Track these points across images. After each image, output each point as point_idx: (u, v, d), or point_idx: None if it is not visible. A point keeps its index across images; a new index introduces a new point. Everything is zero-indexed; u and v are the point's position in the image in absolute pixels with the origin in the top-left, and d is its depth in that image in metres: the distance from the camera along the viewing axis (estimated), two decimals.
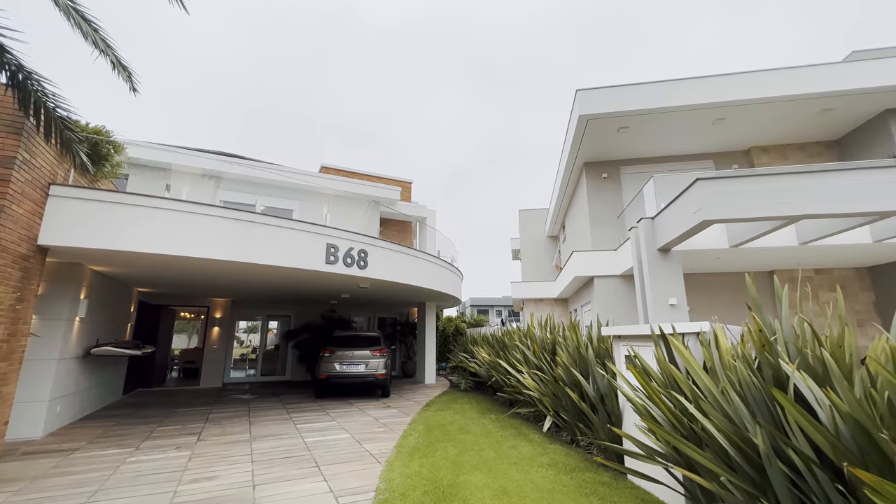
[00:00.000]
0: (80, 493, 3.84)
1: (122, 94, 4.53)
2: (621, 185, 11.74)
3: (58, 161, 5.43)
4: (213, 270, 7.09)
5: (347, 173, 15.85)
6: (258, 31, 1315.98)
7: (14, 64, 2.92)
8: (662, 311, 7.40)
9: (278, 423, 7.03)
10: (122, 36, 3.45)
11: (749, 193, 5.67)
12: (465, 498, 3.72)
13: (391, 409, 8.37)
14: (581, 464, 4.68)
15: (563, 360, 5.82)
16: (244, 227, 6.35)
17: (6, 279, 4.60)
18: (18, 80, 3.14)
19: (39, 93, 3.40)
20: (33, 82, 3.28)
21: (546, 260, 20.58)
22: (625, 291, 10.35)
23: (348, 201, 14.01)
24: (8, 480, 4.18)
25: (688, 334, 3.72)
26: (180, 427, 6.65)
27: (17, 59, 2.76)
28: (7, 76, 3.12)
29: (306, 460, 4.92)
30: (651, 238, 7.79)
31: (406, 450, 5.29)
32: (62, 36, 3.79)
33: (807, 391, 2.32)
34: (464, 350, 12.91)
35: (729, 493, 2.67)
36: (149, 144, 11.24)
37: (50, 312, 6.10)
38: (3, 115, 4.58)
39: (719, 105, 9.29)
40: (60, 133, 3.74)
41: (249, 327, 17.02)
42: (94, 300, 7.20)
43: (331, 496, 3.82)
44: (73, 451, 5.21)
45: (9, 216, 4.55)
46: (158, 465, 4.73)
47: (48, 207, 5.22)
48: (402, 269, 8.74)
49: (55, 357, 6.05)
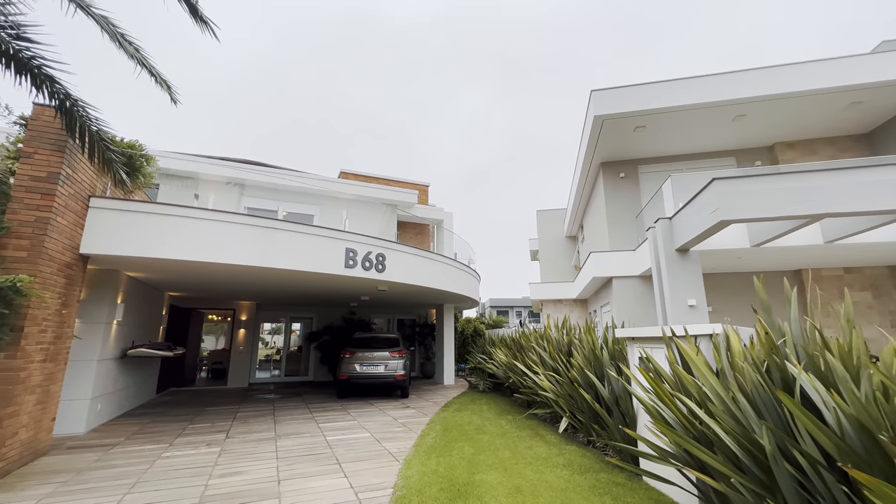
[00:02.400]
0: (120, 485, 4.13)
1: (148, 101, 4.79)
2: (639, 185, 11.61)
3: (96, 175, 5.81)
4: (238, 275, 7.41)
5: (365, 178, 16.17)
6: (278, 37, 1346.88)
7: (62, 93, 3.21)
8: (681, 312, 7.32)
9: (301, 422, 7.28)
10: (152, 47, 3.71)
11: (768, 192, 5.58)
12: (479, 495, 3.83)
13: (410, 409, 8.53)
14: (596, 465, 4.71)
15: (578, 362, 5.85)
16: (267, 234, 6.62)
17: (53, 286, 4.97)
18: (66, 107, 3.44)
19: (84, 118, 3.71)
20: (79, 108, 3.58)
21: (565, 260, 20.44)
22: (644, 292, 10.24)
23: (366, 205, 14.29)
24: (56, 472, 4.52)
25: (700, 336, 3.73)
26: (210, 425, 6.97)
27: (64, 88, 3.04)
28: (56, 104, 3.42)
29: (328, 458, 5.12)
30: (669, 238, 7.71)
31: (424, 449, 5.43)
32: (102, 52, 4.06)
33: (813, 393, 2.34)
34: (482, 351, 12.98)
35: (739, 494, 2.70)
36: (176, 155, 11.76)
37: (90, 316, 6.51)
38: (48, 134, 4.96)
39: (739, 102, 9.10)
40: (102, 153, 4.06)
41: (273, 329, 17.54)
42: (129, 304, 7.63)
43: (351, 492, 3.99)
44: (113, 447, 5.56)
45: (54, 228, 4.91)
46: (190, 460, 5.01)
47: (88, 218, 5.60)
48: (419, 271, 8.90)
49: (95, 358, 6.46)
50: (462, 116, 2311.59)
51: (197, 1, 3.32)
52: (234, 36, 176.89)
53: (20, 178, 4.75)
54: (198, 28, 3.33)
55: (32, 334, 4.68)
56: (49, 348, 5.04)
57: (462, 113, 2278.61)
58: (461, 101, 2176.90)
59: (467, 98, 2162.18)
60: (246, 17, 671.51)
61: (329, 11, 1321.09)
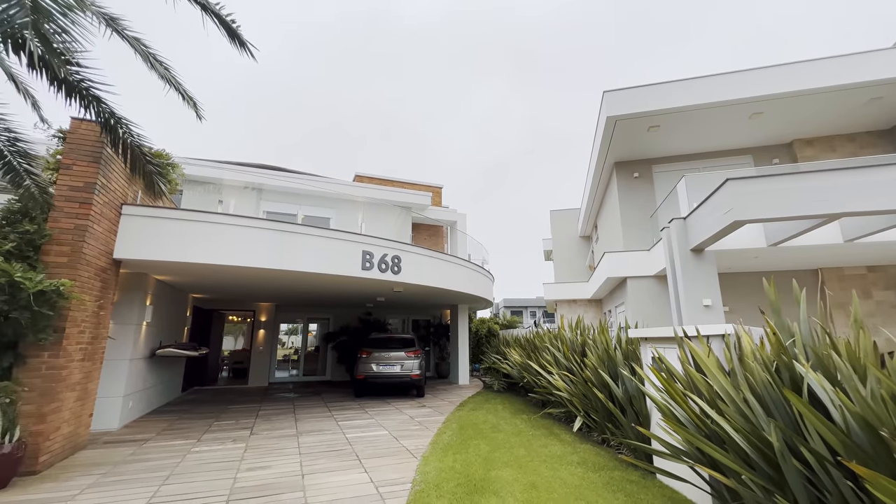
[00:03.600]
0: (155, 477, 4.38)
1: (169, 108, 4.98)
2: (654, 184, 11.56)
3: (127, 183, 6.12)
4: (259, 277, 7.67)
5: (380, 181, 16.41)
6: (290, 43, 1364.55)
7: (107, 112, 3.46)
8: (697, 312, 7.31)
9: (321, 419, 7.50)
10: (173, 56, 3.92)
11: (782, 192, 5.57)
12: (495, 491, 3.95)
13: (426, 408, 8.69)
14: (610, 463, 4.79)
15: (591, 362, 5.93)
16: (288, 238, 6.86)
17: (90, 289, 5.27)
18: (111, 125, 3.70)
19: (126, 134, 3.97)
20: (122, 126, 3.84)
21: (579, 260, 20.36)
22: (659, 292, 10.21)
23: (381, 208, 14.53)
24: (96, 465, 4.81)
25: (713, 336, 3.79)
26: (234, 422, 7.24)
27: (109, 107, 3.28)
28: (101, 122, 3.68)
29: (348, 454, 5.30)
30: (683, 238, 7.70)
31: (440, 446, 5.57)
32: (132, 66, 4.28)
33: (821, 391, 2.40)
34: (496, 351, 13.08)
35: (749, 491, 2.77)
36: (198, 162, 12.16)
37: (122, 318, 6.84)
38: (85, 146, 5.26)
39: (755, 100, 9.02)
40: (143, 167, 4.33)
41: (290, 329, 17.92)
42: (157, 306, 7.97)
43: (371, 486, 4.16)
44: (145, 441, 5.86)
45: (91, 234, 5.21)
46: (218, 455, 5.25)
47: (121, 225, 5.90)
48: (433, 273, 9.05)
49: (127, 357, 6.78)
50: (475, 113, 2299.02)
51: (238, 27, 3.51)
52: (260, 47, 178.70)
53: (60, 189, 5.05)
54: (235, 50, 3.55)
55: (73, 335, 4.98)
56: (87, 348, 5.34)
57: (475, 109, 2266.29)
58: (474, 98, 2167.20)
59: (480, 94, 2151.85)
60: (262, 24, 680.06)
61: (341, 16, 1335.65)
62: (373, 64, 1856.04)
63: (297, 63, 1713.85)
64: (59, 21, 2.01)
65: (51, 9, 2.02)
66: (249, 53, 3.66)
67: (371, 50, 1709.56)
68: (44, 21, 1.89)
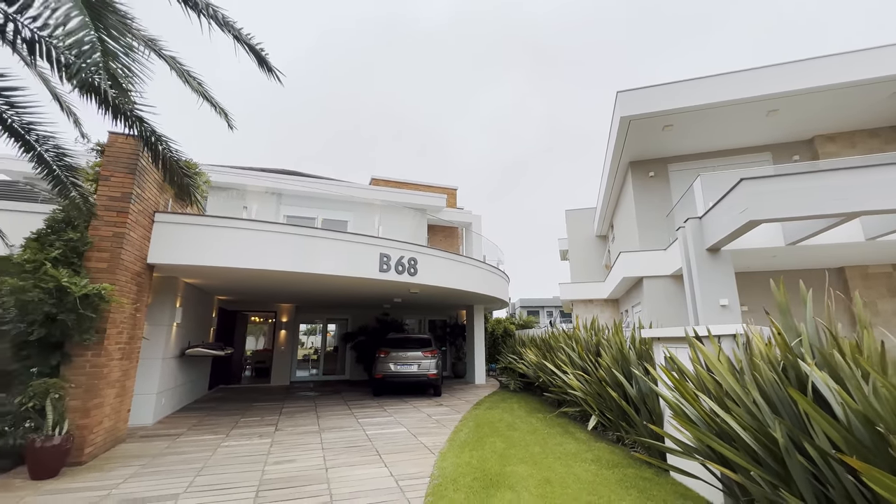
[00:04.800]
0: (190, 469, 4.68)
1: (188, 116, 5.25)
2: (669, 183, 11.49)
3: (159, 192, 6.48)
4: (282, 280, 7.98)
5: (396, 183, 16.68)
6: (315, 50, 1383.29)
7: (149, 131, 3.75)
8: (713, 312, 7.30)
9: (341, 417, 7.75)
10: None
11: (798, 191, 5.55)
12: (510, 485, 4.10)
13: (443, 406, 8.87)
14: (624, 460, 4.88)
15: (605, 362, 6.01)
16: (308, 242, 7.13)
17: (127, 292, 5.62)
18: (151, 143, 4.00)
19: (165, 150, 4.27)
20: (161, 143, 4.14)
21: (595, 260, 20.26)
22: (675, 292, 10.16)
23: (397, 210, 14.78)
24: (135, 457, 5.14)
25: (724, 336, 3.86)
26: (259, 419, 7.55)
27: (151, 126, 3.57)
28: (143, 140, 3.98)
29: (368, 449, 5.52)
30: (699, 238, 7.69)
31: (457, 443, 5.74)
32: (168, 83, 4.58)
33: (825, 389, 2.48)
34: (512, 351, 13.17)
35: (758, 486, 2.85)
36: (221, 169, 12.62)
37: (155, 319, 7.22)
38: (122, 159, 5.63)
39: (770, 97, 8.91)
40: (181, 180, 4.65)
41: (308, 330, 18.34)
42: (186, 308, 8.36)
43: (391, 479, 4.36)
44: (178, 436, 6.19)
45: (128, 241, 5.56)
46: (246, 449, 5.53)
47: (154, 231, 6.25)
48: (448, 274, 9.23)
49: (160, 357, 7.16)
50: (491, 112, 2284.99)
51: (266, 54, 3.75)
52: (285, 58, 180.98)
53: (100, 199, 5.41)
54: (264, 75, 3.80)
55: (112, 335, 5.32)
56: (125, 348, 5.70)
57: (491, 108, 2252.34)
58: (490, 96, 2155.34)
59: (496, 93, 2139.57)
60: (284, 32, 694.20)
61: (358, 20, 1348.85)
62: (388, 67, 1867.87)
63: (316, 71, 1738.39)
64: (122, 60, 2.26)
65: (117, 51, 2.26)
66: (277, 78, 3.90)
67: (388, 54, 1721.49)
68: (110, 61, 2.14)
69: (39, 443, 4.29)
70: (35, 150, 3.94)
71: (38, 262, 4.77)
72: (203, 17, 3.33)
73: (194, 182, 4.88)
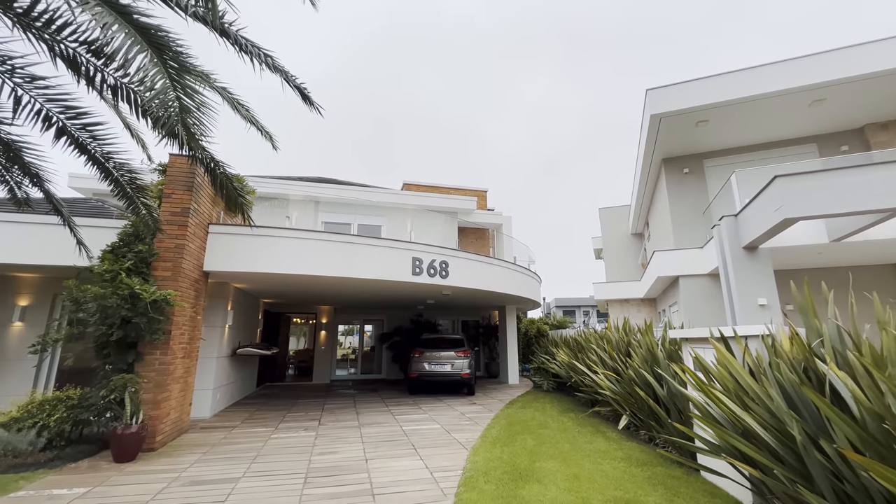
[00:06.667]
0: (246, 457, 5.18)
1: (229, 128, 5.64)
2: (705, 179, 11.19)
3: (212, 205, 7.12)
4: (323, 284, 8.49)
5: (426, 188, 17.09)
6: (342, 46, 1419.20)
7: (208, 157, 4.25)
8: (751, 312, 7.14)
9: (379, 413, 8.16)
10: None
11: (836, 187, 5.38)
12: (539, 479, 4.30)
13: (476, 405, 9.10)
14: (654, 459, 4.94)
15: (634, 363, 6.05)
16: (346, 248, 7.58)
17: (188, 297, 6.24)
18: (211, 167, 4.52)
19: (222, 175, 4.79)
20: (220, 168, 4.66)
21: (631, 258, 19.83)
22: (712, 291, 9.91)
23: (428, 214, 15.15)
24: (197, 445, 5.72)
25: (750, 337, 3.88)
26: (303, 414, 8.08)
27: (210, 154, 4.05)
28: (203, 166, 4.51)
29: (405, 444, 5.85)
30: (735, 236, 7.52)
31: (489, 440, 5.97)
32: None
33: (842, 388, 2.54)
34: (545, 352, 13.21)
35: (780, 484, 2.92)
36: (264, 180, 13.44)
37: (210, 321, 7.90)
38: (180, 178, 6.26)
39: (815, 87, 8.54)
40: (236, 200, 5.16)
41: (346, 330, 19.05)
42: (236, 311, 9.05)
43: (426, 471, 4.65)
44: (233, 428, 6.78)
45: (187, 251, 6.17)
46: (294, 441, 6.01)
47: (208, 242, 6.88)
48: (479, 276, 9.46)
49: (215, 356, 7.83)
50: (527, 103, 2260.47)
51: (309, 92, 4.17)
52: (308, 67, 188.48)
53: (163, 214, 6.06)
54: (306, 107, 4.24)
55: (176, 336, 5.94)
56: (186, 347, 6.33)
57: (527, 100, 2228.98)
58: (525, 88, 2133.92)
59: (531, 84, 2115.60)
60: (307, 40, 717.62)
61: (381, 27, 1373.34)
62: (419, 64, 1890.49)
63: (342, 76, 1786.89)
64: (196, 114, 2.69)
65: (190, 107, 2.69)
66: (318, 112, 4.30)
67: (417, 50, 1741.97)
68: (186, 116, 2.56)
69: (121, 430, 4.90)
70: (112, 175, 4.53)
71: (114, 272, 5.43)
72: (255, 60, 3.76)
73: (247, 201, 5.39)
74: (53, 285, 7.55)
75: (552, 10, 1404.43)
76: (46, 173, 4.43)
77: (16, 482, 4.19)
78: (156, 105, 2.55)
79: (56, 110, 3.86)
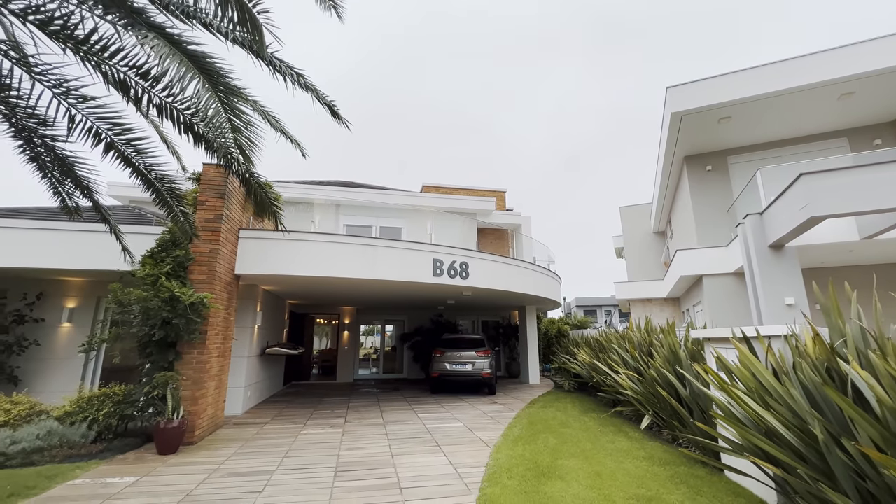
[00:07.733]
0: (278, 451, 5.44)
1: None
2: (729, 177, 10.98)
3: (241, 211, 7.45)
4: (346, 286, 8.75)
5: (446, 189, 17.26)
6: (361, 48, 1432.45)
7: (245, 170, 4.52)
8: (778, 311, 7.02)
9: (402, 412, 8.36)
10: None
11: (864, 184, 5.27)
12: (561, 476, 4.39)
13: (497, 404, 9.20)
14: (677, 459, 4.95)
15: (656, 363, 6.05)
16: (369, 251, 7.81)
17: (221, 299, 6.57)
18: (246, 178, 4.80)
19: (256, 185, 5.07)
20: (253, 178, 4.93)
21: (653, 257, 19.53)
22: (738, 291, 9.73)
23: (448, 216, 15.31)
24: (232, 440, 6.02)
25: (773, 337, 3.88)
26: (329, 412, 8.35)
27: (245, 166, 4.32)
28: (238, 177, 4.80)
29: (429, 441, 6.02)
30: (760, 235, 7.40)
31: (511, 438, 6.08)
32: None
33: (864, 387, 2.56)
34: (566, 352, 13.17)
35: (804, 483, 2.94)
36: (286, 185, 13.86)
37: (241, 322, 8.25)
38: (213, 186, 6.60)
39: (843, 80, 8.30)
40: (269, 207, 5.45)
41: (367, 330, 19.40)
42: (264, 312, 9.41)
43: (450, 467, 4.80)
44: (264, 424, 7.09)
45: (220, 255, 6.50)
46: (322, 437, 6.25)
47: (239, 247, 7.21)
48: (499, 276, 9.55)
49: (246, 355, 8.18)
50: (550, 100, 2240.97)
51: (337, 109, 4.40)
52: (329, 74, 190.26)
53: (198, 220, 6.40)
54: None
55: (211, 336, 6.27)
56: (220, 347, 6.66)
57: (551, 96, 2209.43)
58: (549, 85, 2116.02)
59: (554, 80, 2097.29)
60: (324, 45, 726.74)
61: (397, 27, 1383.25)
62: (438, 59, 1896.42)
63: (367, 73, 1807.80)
64: (245, 133, 2.93)
65: (239, 127, 2.93)
66: (346, 126, 4.51)
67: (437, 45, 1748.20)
68: (236, 134, 2.80)
69: (164, 425, 5.23)
70: (154, 185, 4.85)
71: (155, 276, 5.78)
72: (288, 80, 4.00)
73: (279, 208, 5.68)
74: (97, 288, 8.03)
75: (577, 3, 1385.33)
76: (95, 185, 4.77)
77: (73, 471, 4.54)
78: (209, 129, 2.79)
79: (105, 127, 4.17)
